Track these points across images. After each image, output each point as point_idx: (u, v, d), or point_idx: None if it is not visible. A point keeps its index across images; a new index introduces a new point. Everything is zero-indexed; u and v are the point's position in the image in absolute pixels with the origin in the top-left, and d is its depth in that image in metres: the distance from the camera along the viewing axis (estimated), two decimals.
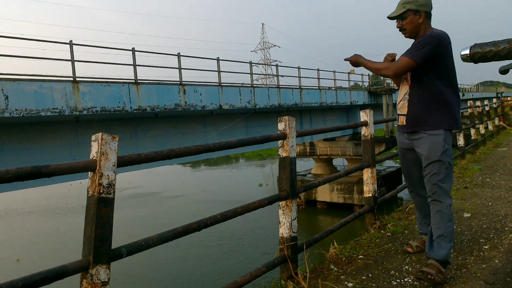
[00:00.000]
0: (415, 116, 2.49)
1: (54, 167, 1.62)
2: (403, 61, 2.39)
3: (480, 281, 2.43)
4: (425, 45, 2.35)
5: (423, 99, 2.46)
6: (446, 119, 2.43)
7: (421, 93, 2.47)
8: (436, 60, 2.39)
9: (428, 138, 2.44)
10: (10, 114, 6.82)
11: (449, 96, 2.44)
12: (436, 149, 2.41)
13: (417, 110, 2.48)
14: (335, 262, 2.92)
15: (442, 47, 2.38)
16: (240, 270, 12.49)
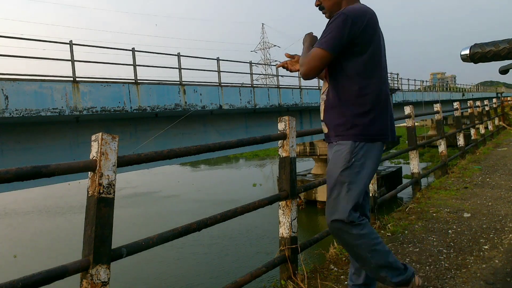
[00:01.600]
0: (329, 122, 1.87)
1: (54, 167, 1.62)
2: (313, 54, 1.73)
3: (480, 281, 2.43)
4: (335, 28, 1.70)
5: (337, 100, 1.82)
6: (361, 127, 1.76)
7: (336, 93, 1.83)
8: (354, 46, 1.73)
9: (333, 151, 1.84)
10: (10, 114, 6.82)
11: (373, 96, 1.78)
12: (337, 164, 1.78)
13: (331, 114, 1.85)
14: (335, 262, 2.92)
15: (359, 28, 1.70)
16: (240, 270, 12.48)
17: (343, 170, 1.76)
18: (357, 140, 1.77)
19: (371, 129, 1.78)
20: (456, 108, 8.81)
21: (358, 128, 1.77)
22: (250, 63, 13.69)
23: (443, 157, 6.85)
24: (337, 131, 1.82)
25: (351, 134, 1.77)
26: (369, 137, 1.78)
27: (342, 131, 1.80)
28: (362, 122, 1.76)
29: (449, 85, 48.27)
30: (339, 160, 1.78)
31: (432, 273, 2.61)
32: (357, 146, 1.76)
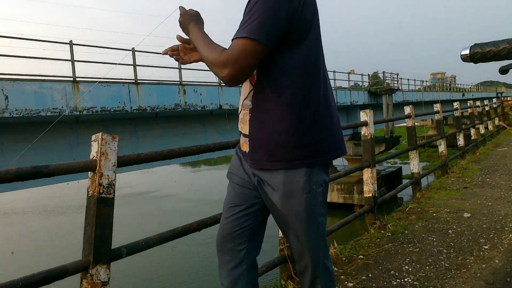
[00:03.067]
0: (262, 139, 1.31)
1: (54, 167, 1.62)
2: (240, 48, 1.16)
3: (480, 281, 2.43)
4: (265, 9, 1.17)
5: (272, 108, 1.27)
6: (313, 145, 1.29)
7: (269, 98, 1.28)
8: (291, 33, 1.23)
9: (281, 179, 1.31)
10: (10, 114, 6.82)
11: (322, 99, 1.31)
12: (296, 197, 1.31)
13: (265, 128, 1.30)
14: (335, 262, 2.92)
15: (298, 6, 1.21)
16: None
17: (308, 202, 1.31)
18: (312, 165, 1.30)
19: (325, 146, 1.32)
20: (456, 108, 8.81)
21: (309, 148, 1.28)
22: None
23: (443, 157, 6.86)
24: (277, 154, 1.28)
25: (302, 156, 1.28)
26: (324, 157, 1.33)
27: (288, 154, 1.27)
28: (313, 139, 1.28)
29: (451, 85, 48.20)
30: (297, 191, 1.30)
31: (432, 273, 2.61)
32: (314, 171, 1.31)
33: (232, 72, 1.16)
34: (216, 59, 1.19)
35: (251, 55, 1.16)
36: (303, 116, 1.26)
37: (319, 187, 1.34)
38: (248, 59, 1.16)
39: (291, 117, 1.26)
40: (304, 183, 1.30)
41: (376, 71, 30.88)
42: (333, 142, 1.36)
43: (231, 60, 1.16)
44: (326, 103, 1.33)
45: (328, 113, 1.33)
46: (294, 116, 1.26)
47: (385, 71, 21.55)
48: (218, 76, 1.20)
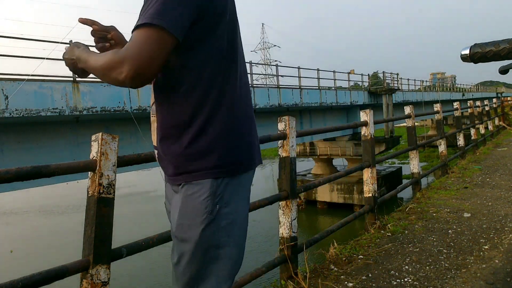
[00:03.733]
0: (167, 150, 1.12)
1: (54, 167, 1.62)
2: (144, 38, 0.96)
3: (480, 281, 2.43)
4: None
5: (176, 114, 1.08)
6: (224, 153, 1.08)
7: (172, 102, 1.09)
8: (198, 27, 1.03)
9: (180, 196, 1.10)
10: (10, 114, 6.82)
11: (235, 103, 1.11)
12: (192, 219, 1.06)
13: (169, 138, 1.11)
14: (335, 262, 2.92)
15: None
16: (240, 270, 12.47)
17: (206, 227, 1.04)
18: (220, 176, 1.06)
19: (238, 155, 1.10)
20: (456, 108, 8.81)
21: (218, 156, 1.06)
22: (250, 63, 13.69)
23: (443, 157, 6.86)
24: (182, 165, 1.08)
25: (208, 167, 1.06)
26: (237, 167, 1.10)
27: (192, 165, 1.06)
28: (224, 145, 1.07)
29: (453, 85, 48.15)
30: (194, 211, 1.05)
31: (432, 273, 2.62)
32: (221, 185, 1.07)
33: (133, 68, 0.92)
34: (110, 59, 0.96)
35: (156, 44, 0.95)
36: (211, 120, 1.06)
37: (225, 207, 1.06)
38: (153, 50, 0.94)
39: (198, 121, 1.05)
40: (205, 200, 1.04)
41: (376, 71, 30.90)
42: (248, 151, 1.13)
43: (130, 54, 0.93)
44: (240, 106, 1.12)
45: (243, 117, 1.12)
46: (201, 120, 1.05)
47: (385, 71, 21.54)
48: (117, 79, 0.95)
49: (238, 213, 1.11)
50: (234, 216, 1.09)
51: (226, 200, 1.07)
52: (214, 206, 1.05)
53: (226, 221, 1.07)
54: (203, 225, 1.04)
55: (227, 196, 1.08)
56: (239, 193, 1.12)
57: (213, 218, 1.05)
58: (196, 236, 1.04)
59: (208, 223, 1.05)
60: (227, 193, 1.08)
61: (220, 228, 1.06)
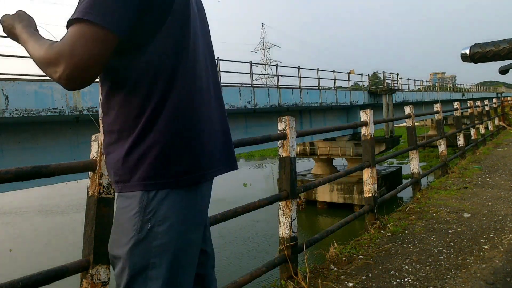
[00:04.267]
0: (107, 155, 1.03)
1: (54, 167, 1.62)
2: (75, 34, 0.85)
3: (480, 281, 2.43)
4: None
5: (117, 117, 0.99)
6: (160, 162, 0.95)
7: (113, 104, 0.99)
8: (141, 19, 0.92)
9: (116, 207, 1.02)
10: (10, 114, 6.82)
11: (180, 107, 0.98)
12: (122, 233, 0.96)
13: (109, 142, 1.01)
14: (335, 262, 2.92)
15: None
16: (240, 270, 12.49)
17: (133, 246, 0.92)
18: (152, 189, 0.93)
19: (180, 165, 0.96)
20: (456, 108, 8.81)
21: (152, 166, 0.93)
22: (250, 63, 13.69)
23: (443, 157, 6.86)
24: (118, 173, 0.97)
25: (140, 177, 0.94)
26: (177, 179, 0.95)
27: (126, 174, 0.95)
28: (162, 153, 0.94)
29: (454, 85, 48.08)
30: (123, 227, 0.95)
31: (432, 273, 2.62)
32: (154, 199, 0.93)
33: (68, 69, 0.83)
34: (46, 54, 0.87)
35: (92, 43, 0.84)
36: (151, 125, 0.94)
37: (159, 226, 0.92)
38: (89, 49, 0.84)
39: (138, 126, 0.94)
40: (134, 216, 0.92)
41: (376, 71, 30.90)
42: (196, 160, 0.98)
43: (65, 52, 0.84)
44: (191, 110, 0.99)
45: (193, 122, 0.99)
46: (141, 125, 0.94)
47: (385, 71, 21.55)
48: (53, 77, 0.87)
49: (178, 233, 0.94)
50: (171, 236, 0.93)
51: (162, 216, 0.92)
52: (145, 223, 0.92)
53: (160, 241, 0.92)
54: (130, 244, 0.92)
55: (163, 212, 0.93)
56: (182, 209, 0.95)
57: (142, 236, 0.91)
58: (124, 255, 0.92)
59: (135, 242, 0.92)
60: (163, 209, 0.93)
61: (152, 248, 0.92)
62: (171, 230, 0.93)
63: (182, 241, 0.95)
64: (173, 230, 0.94)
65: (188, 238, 0.97)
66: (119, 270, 0.94)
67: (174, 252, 0.94)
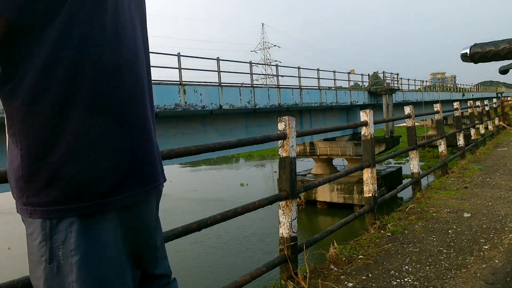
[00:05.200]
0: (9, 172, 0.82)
1: None
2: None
3: (480, 281, 2.43)
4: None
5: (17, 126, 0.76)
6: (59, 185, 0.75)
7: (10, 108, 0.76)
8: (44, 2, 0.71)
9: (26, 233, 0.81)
10: None
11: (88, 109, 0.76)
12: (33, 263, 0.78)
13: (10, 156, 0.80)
14: (335, 262, 2.92)
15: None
16: (240, 270, 12.50)
17: (46, 280, 0.77)
18: (54, 215, 0.76)
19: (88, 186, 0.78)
20: (456, 108, 8.81)
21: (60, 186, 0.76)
22: (250, 63, 13.69)
23: (443, 157, 6.86)
24: (19, 193, 0.79)
25: (38, 202, 0.77)
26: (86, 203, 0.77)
27: (27, 195, 0.78)
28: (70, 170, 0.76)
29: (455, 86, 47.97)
30: (33, 257, 0.78)
31: (432, 273, 2.62)
32: (58, 227, 0.76)
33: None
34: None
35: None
36: (56, 135, 0.75)
37: (72, 256, 0.76)
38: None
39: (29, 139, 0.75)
40: (40, 244, 0.76)
41: (376, 71, 30.91)
42: (113, 177, 0.80)
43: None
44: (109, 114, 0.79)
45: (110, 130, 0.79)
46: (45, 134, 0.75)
47: (385, 71, 21.55)
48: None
49: (97, 265, 0.78)
50: (89, 268, 0.77)
51: (73, 246, 0.76)
52: (52, 255, 0.76)
53: (75, 275, 0.75)
54: (44, 277, 0.76)
55: (75, 241, 0.76)
56: (99, 237, 0.79)
57: (54, 269, 0.76)
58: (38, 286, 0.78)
59: (48, 276, 0.76)
60: (74, 236, 0.76)
61: (66, 285, 0.75)
62: (89, 260, 0.77)
63: (108, 274, 0.80)
64: (92, 260, 0.77)
65: (110, 270, 0.80)
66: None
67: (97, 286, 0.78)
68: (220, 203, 20.91)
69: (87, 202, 0.77)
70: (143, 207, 0.88)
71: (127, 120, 0.83)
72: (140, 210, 0.88)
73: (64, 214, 0.76)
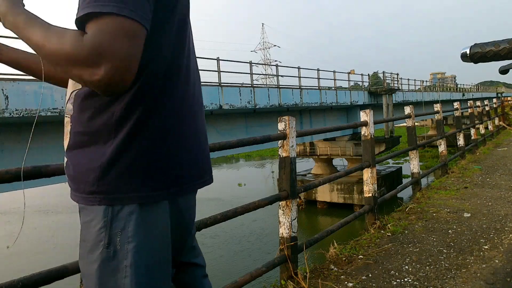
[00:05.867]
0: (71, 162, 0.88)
1: (54, 167, 1.62)
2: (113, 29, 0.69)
3: (480, 281, 2.43)
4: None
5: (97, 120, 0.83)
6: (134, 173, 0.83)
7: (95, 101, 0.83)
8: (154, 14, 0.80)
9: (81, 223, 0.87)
10: (10, 114, 6.82)
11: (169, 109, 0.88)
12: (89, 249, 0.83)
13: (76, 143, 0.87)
14: (335, 262, 2.92)
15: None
16: (240, 270, 12.49)
17: (102, 264, 0.81)
18: (118, 203, 0.82)
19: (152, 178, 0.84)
20: (456, 108, 8.81)
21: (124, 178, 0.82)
22: (250, 63, 13.69)
23: (443, 157, 6.86)
24: (79, 184, 0.85)
25: (106, 190, 0.82)
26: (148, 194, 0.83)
27: (88, 185, 0.83)
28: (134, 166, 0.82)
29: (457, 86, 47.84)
30: (89, 243, 0.83)
31: (432, 273, 2.62)
32: (119, 214, 0.82)
33: (112, 71, 0.69)
34: (75, 50, 0.69)
35: (135, 39, 0.72)
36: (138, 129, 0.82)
37: (129, 243, 0.81)
38: (130, 46, 0.71)
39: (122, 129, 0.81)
40: (100, 231, 0.81)
41: (376, 71, 30.92)
42: (176, 173, 0.87)
43: (106, 50, 0.69)
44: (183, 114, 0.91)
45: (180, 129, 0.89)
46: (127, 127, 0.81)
47: (385, 71, 21.55)
48: (84, 79, 0.71)
49: (150, 251, 0.83)
50: (142, 254, 0.82)
51: (131, 234, 0.81)
52: (112, 239, 0.81)
53: (129, 260, 0.81)
54: (99, 262, 0.81)
55: (134, 229, 0.81)
56: (154, 225, 0.85)
57: (111, 254, 0.81)
58: (94, 273, 0.82)
59: (104, 260, 0.81)
60: (132, 225, 0.81)
61: (122, 267, 0.80)
62: (143, 248, 0.82)
63: (157, 261, 0.85)
64: (146, 248, 0.83)
65: (160, 257, 0.86)
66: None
67: (146, 272, 0.83)
68: (219, 203, 20.89)
69: (150, 192, 0.83)
70: (190, 198, 0.97)
71: (195, 124, 0.96)
72: (187, 200, 0.96)
73: (127, 202, 0.82)
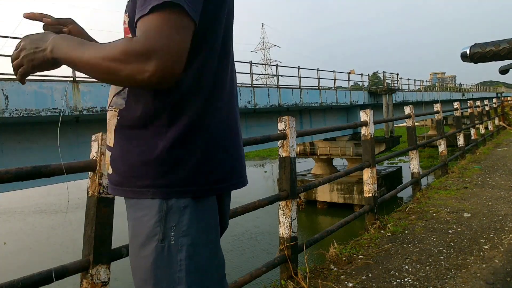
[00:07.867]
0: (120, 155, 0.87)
1: (54, 167, 1.62)
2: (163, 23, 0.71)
3: (480, 281, 2.43)
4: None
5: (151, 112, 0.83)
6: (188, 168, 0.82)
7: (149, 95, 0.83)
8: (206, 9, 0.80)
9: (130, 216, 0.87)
10: (10, 114, 6.82)
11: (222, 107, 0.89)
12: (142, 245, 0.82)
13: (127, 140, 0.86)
14: (335, 262, 2.92)
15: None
16: (240, 270, 12.50)
17: (157, 258, 0.80)
18: (173, 196, 0.81)
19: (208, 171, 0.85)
20: (456, 108, 8.82)
21: (187, 170, 0.82)
22: (250, 63, 13.69)
23: (443, 157, 6.86)
24: (130, 177, 0.85)
25: (161, 184, 0.81)
26: (203, 187, 0.84)
27: (141, 179, 0.83)
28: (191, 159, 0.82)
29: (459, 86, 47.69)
30: (142, 237, 0.82)
31: (432, 273, 2.62)
32: (173, 208, 0.81)
33: (163, 64, 0.70)
34: (126, 50, 0.71)
35: (183, 31, 0.73)
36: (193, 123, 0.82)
37: (183, 237, 0.81)
38: (183, 40, 0.72)
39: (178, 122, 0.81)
40: (154, 225, 0.81)
41: (376, 71, 30.92)
42: (230, 167, 0.89)
43: (160, 45, 0.70)
44: (229, 109, 0.91)
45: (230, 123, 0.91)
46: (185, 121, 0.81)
47: (385, 71, 21.55)
48: (136, 78, 0.71)
49: (203, 245, 0.84)
50: (196, 249, 0.82)
51: (185, 228, 0.81)
52: (167, 233, 0.80)
53: (183, 254, 0.80)
54: (154, 256, 0.80)
55: (187, 223, 0.81)
56: (203, 220, 0.84)
57: (165, 248, 0.80)
58: (146, 269, 0.81)
59: (158, 255, 0.80)
60: (184, 220, 0.81)
61: (176, 262, 0.80)
62: (197, 242, 0.82)
63: (209, 255, 0.85)
64: (199, 242, 0.83)
65: (211, 251, 0.86)
66: (141, 282, 0.83)
67: (200, 267, 0.82)
68: None
69: (203, 186, 0.84)
70: (228, 194, 1.01)
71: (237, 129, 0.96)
72: (228, 196, 1.01)
73: (181, 196, 0.82)
